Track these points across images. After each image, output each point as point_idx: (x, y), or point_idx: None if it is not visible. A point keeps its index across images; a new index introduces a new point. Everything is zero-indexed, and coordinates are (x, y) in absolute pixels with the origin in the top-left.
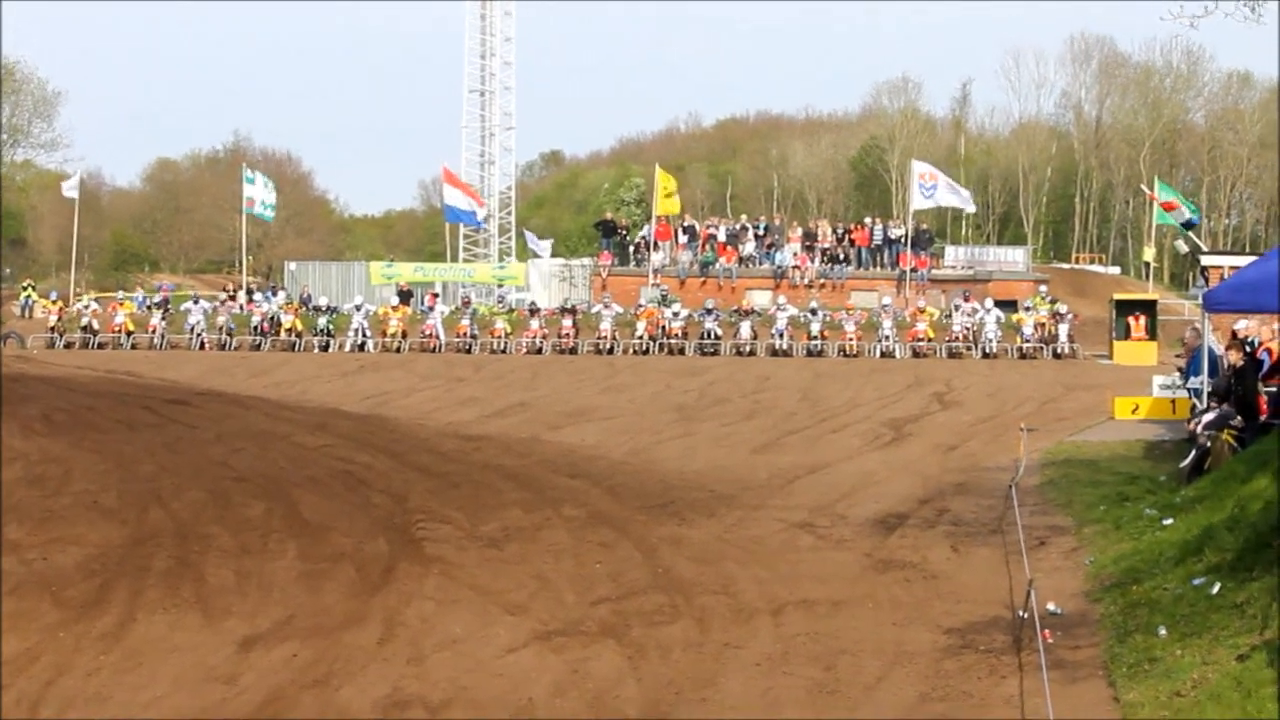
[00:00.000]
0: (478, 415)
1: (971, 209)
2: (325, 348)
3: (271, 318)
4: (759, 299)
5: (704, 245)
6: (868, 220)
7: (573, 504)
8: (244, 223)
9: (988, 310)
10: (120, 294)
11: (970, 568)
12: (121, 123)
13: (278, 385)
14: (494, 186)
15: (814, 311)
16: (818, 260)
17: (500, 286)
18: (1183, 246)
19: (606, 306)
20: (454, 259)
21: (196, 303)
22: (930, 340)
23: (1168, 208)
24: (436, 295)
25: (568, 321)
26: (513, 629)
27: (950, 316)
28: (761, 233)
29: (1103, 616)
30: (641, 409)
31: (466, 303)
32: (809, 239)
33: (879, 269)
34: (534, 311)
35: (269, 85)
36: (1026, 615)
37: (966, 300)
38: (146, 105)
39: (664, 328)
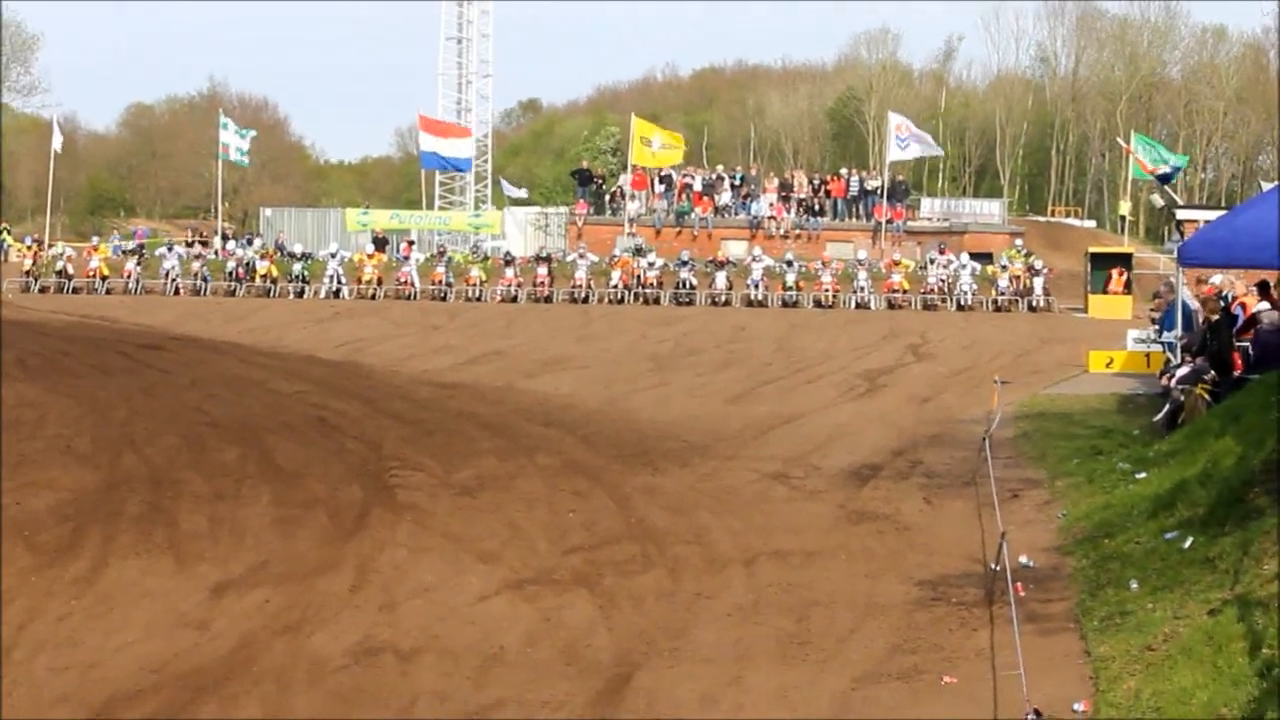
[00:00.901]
0: (452, 363)
1: (936, 152)
2: (300, 294)
3: (247, 264)
4: (734, 249)
5: (680, 195)
6: (844, 171)
7: (546, 453)
8: (220, 169)
9: (962, 264)
10: (95, 239)
11: (943, 520)
12: (98, 66)
13: (253, 331)
14: (471, 134)
15: (789, 262)
16: (793, 211)
17: (476, 234)
18: (1158, 200)
19: (581, 256)
20: (430, 207)
21: (171, 249)
22: (905, 292)
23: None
24: (412, 243)
25: (543, 270)
26: (485, 577)
27: (925, 269)
28: (737, 183)
29: (1075, 570)
30: (616, 358)
31: (442, 251)
32: (785, 190)
33: (855, 220)
34: (509, 261)
35: (245, 30)
36: (999, 568)
37: (942, 253)
38: (122, 49)
39: (639, 277)
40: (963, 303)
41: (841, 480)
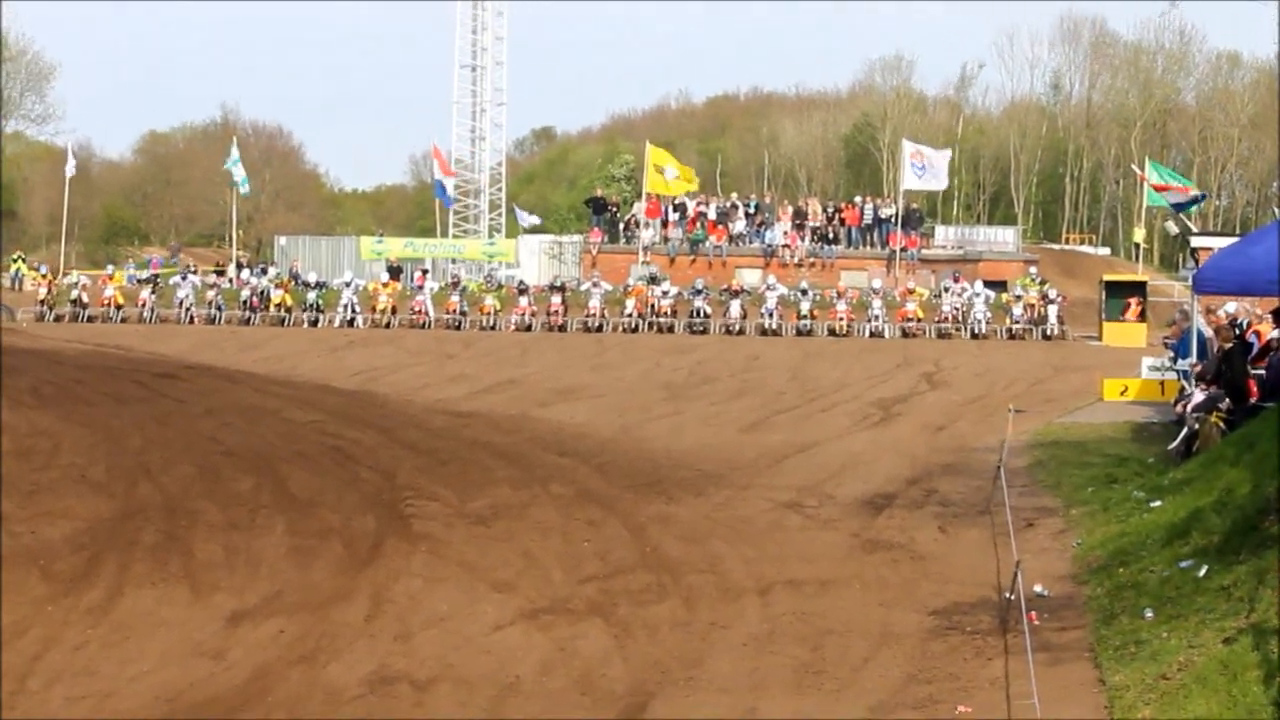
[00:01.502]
0: (467, 392)
1: (942, 187)
2: (315, 323)
3: (261, 292)
4: (749, 277)
5: (694, 223)
6: (858, 199)
7: (561, 482)
8: (234, 197)
9: (976, 291)
10: (110, 268)
11: (958, 549)
12: (112, 94)
13: (267, 360)
14: (485, 162)
15: (804, 291)
16: (808, 239)
17: (490, 263)
18: (1173, 227)
19: (595, 285)
20: (444, 235)
21: (185, 278)
22: (920, 320)
23: (1175, 190)
24: (426, 272)
25: (557, 299)
26: (500, 607)
27: (940, 297)
28: (752, 211)
29: (1089, 599)
30: (631, 387)
31: (456, 282)
32: (799, 217)
33: (869, 248)
34: (523, 290)
35: (259, 58)
36: (1013, 597)
37: (956, 281)
38: (137, 77)
39: (653, 306)
40: (977, 331)
41: (856, 509)
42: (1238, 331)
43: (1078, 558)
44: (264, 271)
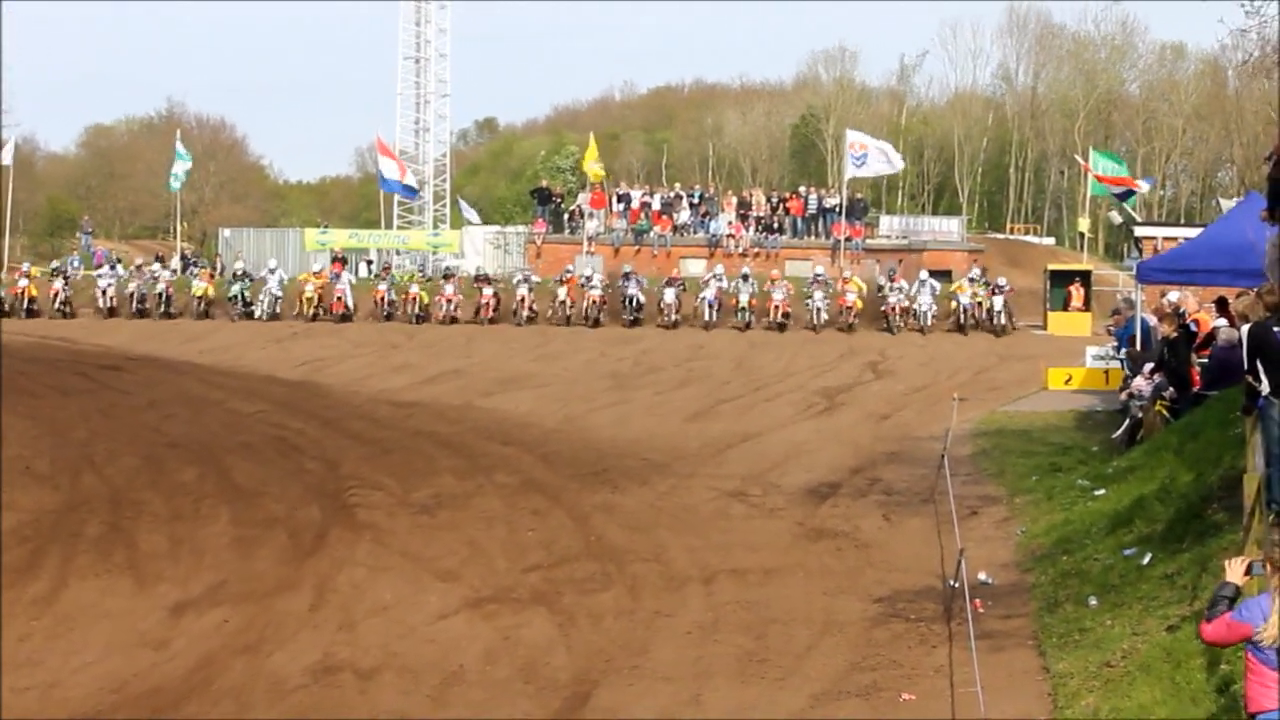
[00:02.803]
0: (410, 382)
1: (894, 170)
2: (249, 315)
3: (187, 285)
4: (693, 267)
5: (638, 214)
6: (802, 189)
7: (505, 471)
8: (178, 190)
9: (922, 282)
10: (26, 264)
11: (902, 537)
12: (54, 87)
13: (212, 352)
14: (429, 154)
15: (745, 277)
16: (752, 229)
17: (435, 254)
18: (1116, 217)
19: (526, 278)
20: (389, 226)
21: (113, 268)
22: (857, 311)
23: (1119, 182)
24: (343, 261)
25: (488, 290)
26: (444, 596)
27: (881, 289)
28: (696, 201)
29: (1033, 586)
30: (575, 377)
31: (387, 269)
32: (744, 208)
33: (814, 238)
34: (448, 276)
35: (203, 51)
36: (957, 585)
37: (892, 280)
38: (80, 69)
39: (592, 300)
40: (919, 316)
41: (800, 498)
42: (1181, 320)
43: (1021, 546)
44: (196, 263)
